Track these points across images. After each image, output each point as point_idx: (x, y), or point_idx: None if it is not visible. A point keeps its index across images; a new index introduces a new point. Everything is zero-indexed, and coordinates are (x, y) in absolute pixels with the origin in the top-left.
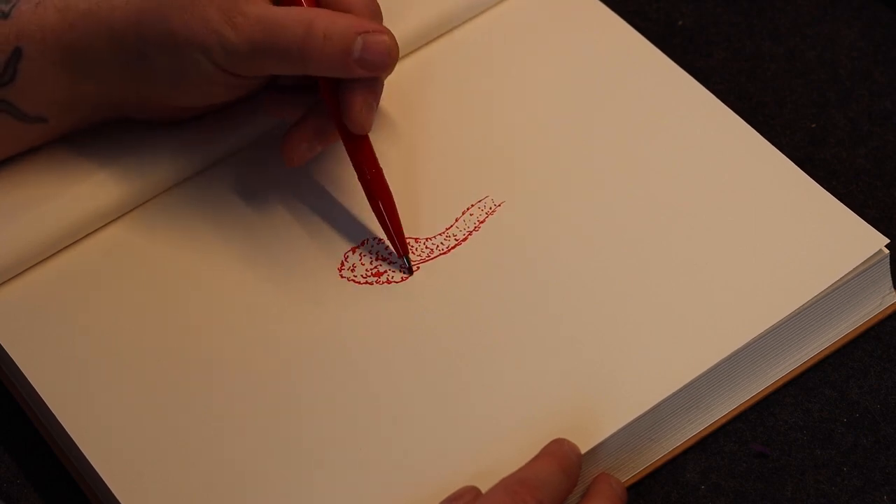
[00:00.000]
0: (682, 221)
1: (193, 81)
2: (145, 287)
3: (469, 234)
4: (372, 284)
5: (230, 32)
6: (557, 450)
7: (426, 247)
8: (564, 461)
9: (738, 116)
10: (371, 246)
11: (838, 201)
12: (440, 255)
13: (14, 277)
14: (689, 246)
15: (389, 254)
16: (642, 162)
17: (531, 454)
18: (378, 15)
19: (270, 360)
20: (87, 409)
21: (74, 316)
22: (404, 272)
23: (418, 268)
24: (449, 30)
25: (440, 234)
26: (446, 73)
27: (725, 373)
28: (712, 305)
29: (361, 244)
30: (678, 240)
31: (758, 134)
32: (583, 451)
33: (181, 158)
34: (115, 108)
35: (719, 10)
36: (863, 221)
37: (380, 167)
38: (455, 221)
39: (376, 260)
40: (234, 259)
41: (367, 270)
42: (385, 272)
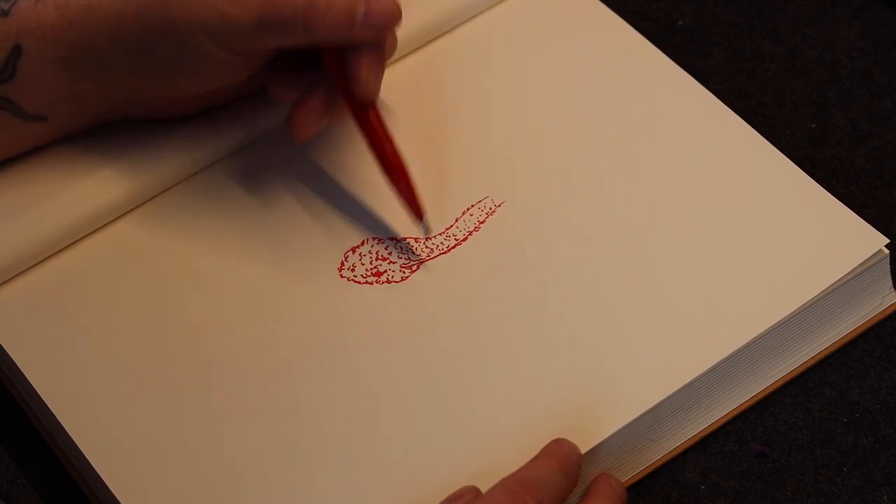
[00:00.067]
0: (682, 221)
1: (197, 66)
2: (145, 287)
3: (469, 235)
4: (372, 284)
5: (231, 9)
6: (557, 450)
7: (426, 246)
8: (564, 461)
9: (738, 116)
10: (371, 246)
11: (838, 201)
12: (440, 254)
13: (14, 277)
14: (689, 246)
15: (389, 254)
16: (642, 162)
17: (531, 454)
18: None
19: (270, 360)
20: (87, 409)
21: (74, 316)
22: (422, 235)
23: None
24: (449, 29)
25: (440, 234)
26: (446, 73)
27: (725, 373)
28: (712, 305)
29: (361, 244)
30: (678, 240)
31: (758, 134)
32: (583, 451)
33: (179, 158)
34: (116, 107)
35: (719, 10)
36: (863, 221)
37: (390, 134)
38: (455, 221)
39: (376, 260)
40: (234, 259)
41: (367, 270)
42: (385, 272)
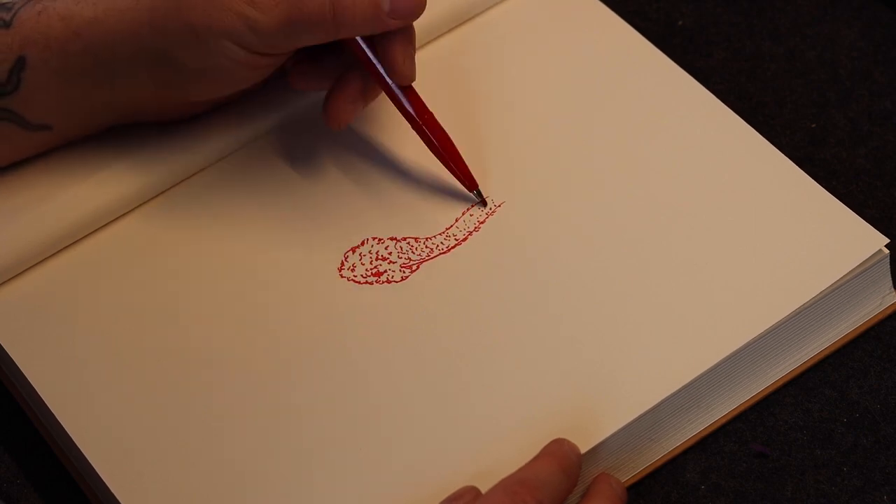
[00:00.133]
0: (682, 221)
1: (222, 69)
2: (145, 287)
3: (469, 235)
4: (372, 284)
5: (256, 14)
6: (557, 450)
7: (426, 246)
8: (564, 461)
9: (738, 116)
10: (371, 246)
11: (838, 201)
12: (440, 254)
13: (14, 277)
14: (689, 246)
15: (389, 253)
16: (642, 162)
17: (531, 454)
18: None
19: (270, 360)
20: (87, 409)
21: (74, 316)
22: (478, 205)
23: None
24: (449, 30)
25: (440, 234)
26: (446, 73)
27: (725, 373)
28: (712, 305)
29: (361, 244)
30: (678, 239)
31: (758, 134)
32: (583, 451)
33: (177, 160)
34: (126, 114)
35: (719, 10)
36: (863, 221)
37: (430, 111)
38: (455, 221)
39: (376, 260)
40: (234, 259)
41: (367, 270)
42: (385, 272)
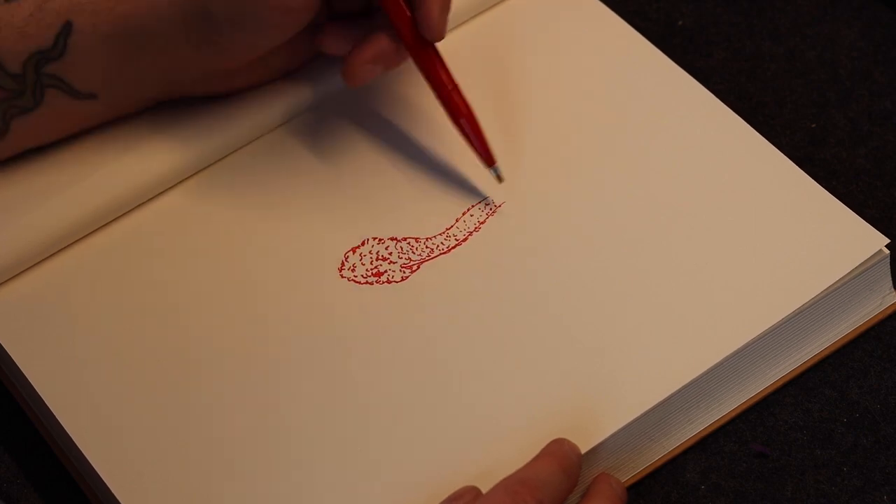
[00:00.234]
0: (682, 221)
1: (259, 16)
2: (144, 287)
3: (469, 235)
4: (372, 284)
5: None
6: (557, 450)
7: (426, 246)
8: (564, 461)
9: (738, 116)
10: (371, 246)
11: (838, 201)
12: (440, 254)
13: (14, 277)
14: (688, 246)
15: (390, 253)
16: (642, 162)
17: (531, 454)
18: None
19: (271, 361)
20: (87, 409)
21: (74, 316)
22: (498, 179)
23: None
24: (449, 30)
25: (440, 234)
26: None
27: (725, 373)
28: (712, 305)
29: (361, 244)
30: (678, 240)
31: (758, 134)
32: (583, 451)
33: (177, 160)
34: (170, 84)
35: (719, 10)
36: (863, 221)
37: (455, 81)
38: (455, 222)
39: (376, 260)
40: (234, 259)
41: (367, 270)
42: (385, 272)
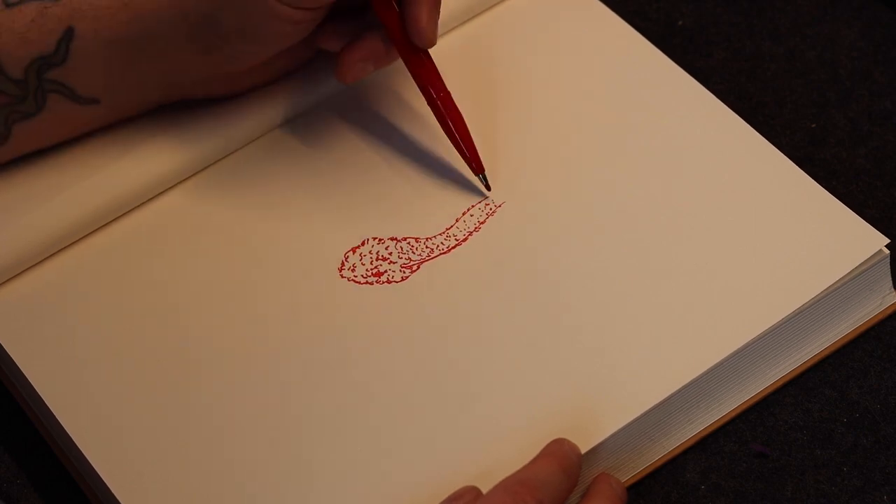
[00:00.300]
0: (682, 221)
1: (262, 28)
2: (144, 288)
3: (469, 235)
4: (372, 284)
5: None
6: (557, 450)
7: (426, 246)
8: (564, 461)
9: (738, 116)
10: (371, 246)
11: (838, 201)
12: (440, 254)
13: (14, 277)
14: (688, 246)
15: (390, 253)
16: (642, 162)
17: (531, 454)
18: None
19: (270, 361)
20: (87, 409)
21: (74, 316)
22: (484, 188)
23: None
24: (448, 30)
25: (440, 234)
26: (445, 74)
27: (725, 373)
28: (713, 305)
29: (361, 244)
30: (678, 240)
31: (758, 134)
32: (583, 451)
33: (178, 160)
34: (173, 87)
35: (719, 10)
36: (863, 221)
37: (446, 87)
38: (455, 222)
39: (376, 260)
40: (234, 259)
41: (367, 270)
42: (385, 272)
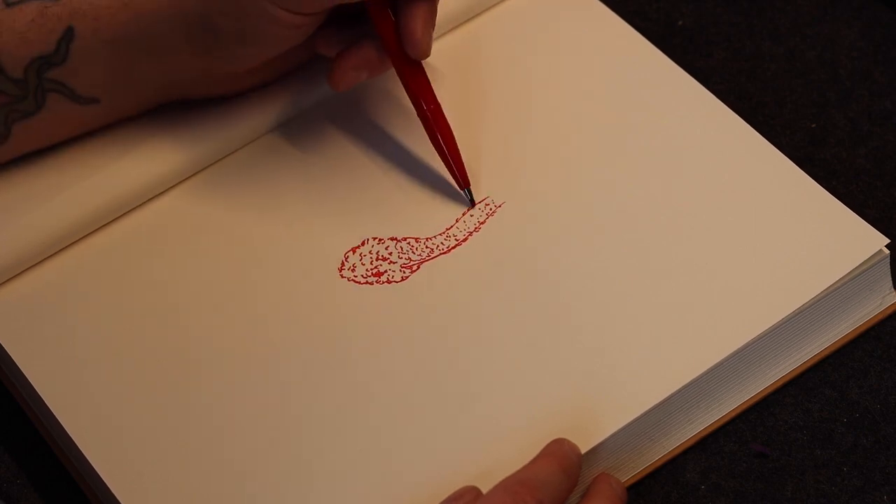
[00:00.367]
0: (682, 221)
1: (260, 33)
2: (144, 288)
3: (469, 235)
4: (372, 284)
5: None
6: (557, 450)
7: (426, 246)
8: (564, 461)
9: (738, 116)
10: (371, 246)
11: (838, 201)
12: (440, 254)
13: (14, 277)
14: (688, 246)
15: (390, 253)
16: (642, 162)
17: (531, 454)
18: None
19: (270, 361)
20: (87, 409)
21: (74, 316)
22: (467, 204)
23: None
24: (448, 30)
25: (440, 235)
26: (445, 74)
27: (725, 373)
28: (713, 305)
29: (361, 244)
30: (678, 240)
31: (758, 134)
32: (583, 451)
33: (178, 160)
34: (174, 87)
35: (719, 10)
36: (863, 221)
37: (437, 100)
38: (456, 222)
39: (376, 260)
40: (234, 259)
41: (367, 270)
42: (385, 272)
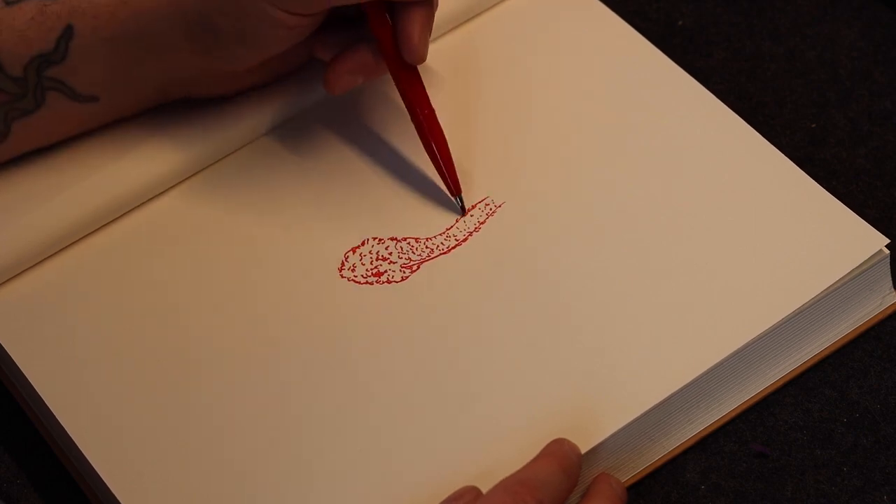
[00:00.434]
0: (682, 221)
1: (259, 34)
2: (144, 288)
3: (469, 235)
4: (372, 284)
5: None
6: (557, 450)
7: (426, 247)
8: (564, 461)
9: (738, 116)
10: (371, 246)
11: (838, 201)
12: (440, 255)
13: (14, 277)
14: (688, 246)
15: (390, 253)
16: (643, 162)
17: (531, 454)
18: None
19: (270, 361)
20: (87, 409)
21: (74, 316)
22: (457, 212)
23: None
24: (448, 30)
25: (441, 234)
26: (445, 74)
27: (725, 373)
28: (713, 305)
29: (361, 244)
30: (678, 240)
31: (758, 134)
32: (583, 451)
33: (178, 161)
34: (174, 84)
35: (719, 10)
36: (863, 221)
37: (432, 106)
38: (456, 222)
39: (376, 260)
40: (234, 260)
41: (367, 270)
42: (385, 272)
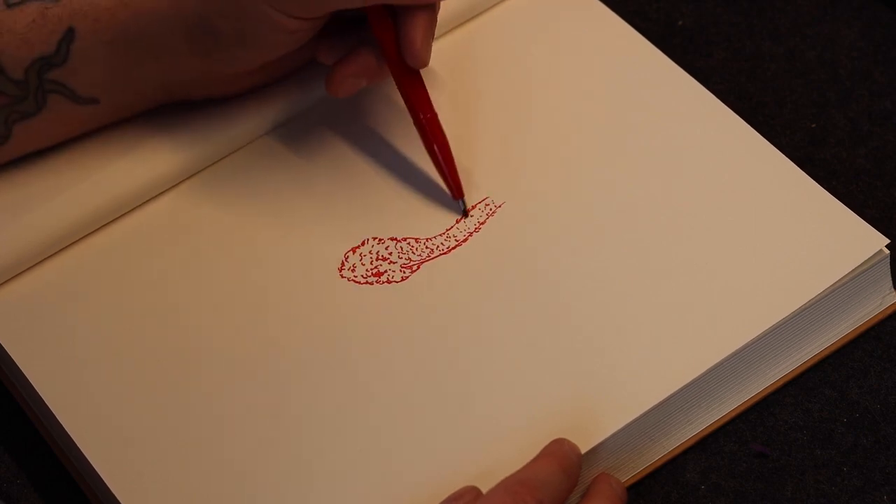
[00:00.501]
0: (682, 221)
1: (260, 37)
2: (145, 287)
3: (469, 235)
4: (372, 284)
5: None
6: (557, 450)
7: (426, 247)
8: (564, 461)
9: (738, 116)
10: (371, 246)
11: (838, 201)
12: (440, 255)
13: (14, 277)
14: (688, 246)
15: (390, 253)
16: (643, 162)
17: (531, 454)
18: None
19: (271, 361)
20: (87, 409)
21: (74, 316)
22: (461, 215)
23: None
24: (448, 30)
25: (441, 235)
26: (445, 74)
27: (725, 373)
28: (713, 305)
29: (361, 244)
30: (678, 240)
31: (758, 134)
32: (583, 451)
33: (178, 161)
34: (175, 86)
35: (719, 10)
36: (863, 221)
37: (434, 110)
38: (456, 222)
39: (376, 260)
40: (234, 259)
41: (367, 270)
42: (385, 272)
